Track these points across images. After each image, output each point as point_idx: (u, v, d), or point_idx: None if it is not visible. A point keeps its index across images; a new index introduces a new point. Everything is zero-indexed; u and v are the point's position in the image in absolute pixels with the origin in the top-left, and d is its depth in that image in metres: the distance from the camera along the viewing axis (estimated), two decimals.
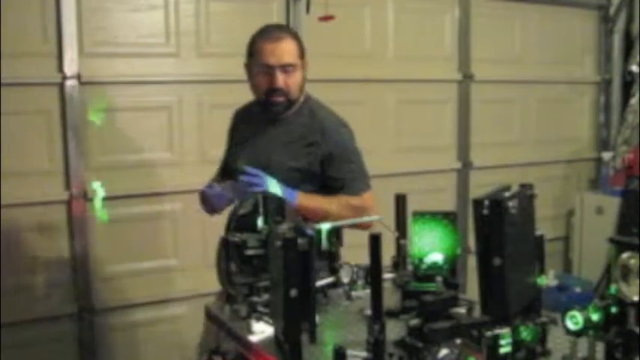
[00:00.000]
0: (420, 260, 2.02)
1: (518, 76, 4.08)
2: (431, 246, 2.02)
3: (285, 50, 2.09)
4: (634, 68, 4.27)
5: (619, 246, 1.43)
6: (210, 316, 2.16)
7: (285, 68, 2.09)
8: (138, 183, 3.00)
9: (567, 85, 4.32)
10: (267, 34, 2.13)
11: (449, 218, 2.03)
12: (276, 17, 3.25)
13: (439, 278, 1.97)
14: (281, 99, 2.11)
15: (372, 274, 1.61)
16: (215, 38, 3.13)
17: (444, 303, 1.59)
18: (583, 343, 1.48)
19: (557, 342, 1.63)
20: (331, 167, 2.20)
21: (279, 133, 2.20)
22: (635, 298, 1.39)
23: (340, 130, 2.26)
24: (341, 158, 2.22)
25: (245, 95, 3.26)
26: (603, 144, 4.45)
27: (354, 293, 2.12)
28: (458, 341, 1.49)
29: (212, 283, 2.19)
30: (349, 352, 1.59)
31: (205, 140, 3.14)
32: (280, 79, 2.08)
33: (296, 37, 2.15)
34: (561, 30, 4.24)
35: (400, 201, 2.22)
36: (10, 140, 2.76)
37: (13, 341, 2.81)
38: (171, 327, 3.14)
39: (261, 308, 1.95)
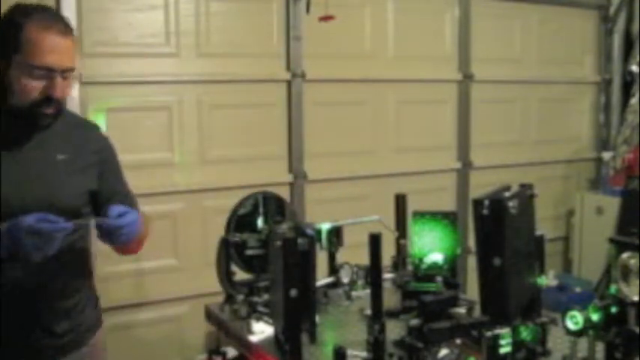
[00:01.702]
0: (420, 260, 2.03)
1: (518, 76, 4.07)
2: (431, 246, 2.03)
3: (68, 50, 1.55)
4: (634, 68, 4.27)
5: (619, 246, 1.44)
6: (210, 316, 2.16)
7: (66, 74, 1.55)
8: (138, 183, 2.99)
9: (567, 85, 4.32)
10: (45, 22, 1.53)
11: (449, 218, 2.03)
12: (276, 17, 3.25)
13: (439, 278, 1.97)
14: (52, 111, 1.56)
15: (372, 274, 1.61)
16: (215, 38, 3.13)
17: (444, 303, 1.60)
18: (583, 343, 1.49)
19: (557, 342, 1.63)
20: (110, 180, 1.78)
21: (51, 148, 1.63)
22: (635, 298, 1.39)
23: (105, 135, 1.83)
24: (117, 167, 1.84)
25: (245, 95, 3.28)
26: (603, 144, 4.45)
27: (354, 293, 2.13)
28: (458, 341, 1.49)
29: (212, 283, 2.19)
30: (349, 352, 1.59)
31: (205, 140, 3.14)
32: (60, 87, 1.54)
33: (72, 32, 1.59)
34: (561, 30, 4.24)
35: (400, 201, 2.23)
36: None
37: None
38: (171, 327, 3.14)
39: (261, 308, 1.95)
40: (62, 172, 1.63)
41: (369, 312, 1.64)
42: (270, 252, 1.87)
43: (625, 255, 1.41)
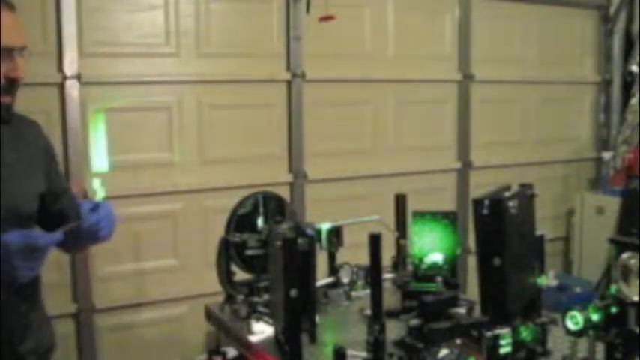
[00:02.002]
0: (420, 260, 2.03)
1: (518, 76, 4.07)
2: (431, 246, 2.03)
3: (22, 27, 1.46)
4: (634, 68, 4.27)
5: (619, 246, 1.43)
6: (210, 316, 2.16)
7: (23, 52, 1.45)
8: (138, 183, 3.00)
9: (567, 85, 4.32)
10: None
11: (449, 218, 2.03)
12: (276, 17, 3.25)
13: (439, 278, 1.97)
14: (9, 99, 1.46)
15: (372, 274, 1.61)
16: (215, 38, 3.13)
17: (444, 303, 1.59)
18: (583, 343, 1.49)
19: (557, 342, 1.63)
20: (57, 179, 1.67)
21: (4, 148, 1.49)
22: (635, 298, 1.39)
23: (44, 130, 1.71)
24: (58, 164, 1.73)
25: (245, 95, 3.28)
26: (603, 144, 4.45)
27: (354, 293, 2.13)
28: (458, 341, 1.49)
29: (212, 283, 2.19)
30: (349, 352, 1.59)
31: (205, 140, 3.14)
32: (21, 67, 1.44)
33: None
34: (561, 30, 4.24)
35: (400, 201, 2.22)
36: None
37: None
38: (171, 327, 3.14)
39: (261, 308, 1.95)
40: (15, 175, 1.49)
41: (369, 312, 1.64)
42: (270, 252, 1.87)
43: (625, 255, 1.41)
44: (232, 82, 3.19)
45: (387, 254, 2.05)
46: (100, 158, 2.82)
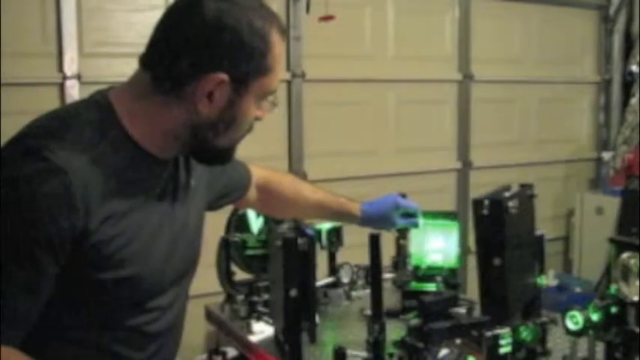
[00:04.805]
0: (420, 260, 2.03)
1: (518, 76, 4.08)
2: (431, 246, 2.03)
3: None
4: (634, 68, 4.28)
5: (619, 246, 1.43)
6: (210, 316, 2.16)
7: None
8: None
9: (567, 85, 4.32)
10: (279, 24, 1.10)
11: (449, 218, 2.03)
12: None
13: (439, 278, 1.97)
14: None
15: (372, 274, 1.61)
16: None
17: (444, 303, 1.59)
18: (583, 343, 1.49)
19: (557, 342, 1.63)
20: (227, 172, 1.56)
21: (190, 194, 1.27)
22: (635, 298, 1.39)
23: None
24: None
25: None
26: (603, 144, 4.45)
27: (354, 293, 2.13)
28: (458, 341, 1.49)
29: (212, 283, 2.19)
30: (349, 352, 1.59)
31: None
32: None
33: None
34: (561, 30, 4.24)
35: None
36: None
37: None
38: None
39: (261, 308, 1.95)
40: (198, 229, 1.33)
41: (369, 312, 1.64)
42: (270, 252, 1.87)
43: (625, 255, 1.41)
44: None
45: (387, 254, 2.05)
46: None
